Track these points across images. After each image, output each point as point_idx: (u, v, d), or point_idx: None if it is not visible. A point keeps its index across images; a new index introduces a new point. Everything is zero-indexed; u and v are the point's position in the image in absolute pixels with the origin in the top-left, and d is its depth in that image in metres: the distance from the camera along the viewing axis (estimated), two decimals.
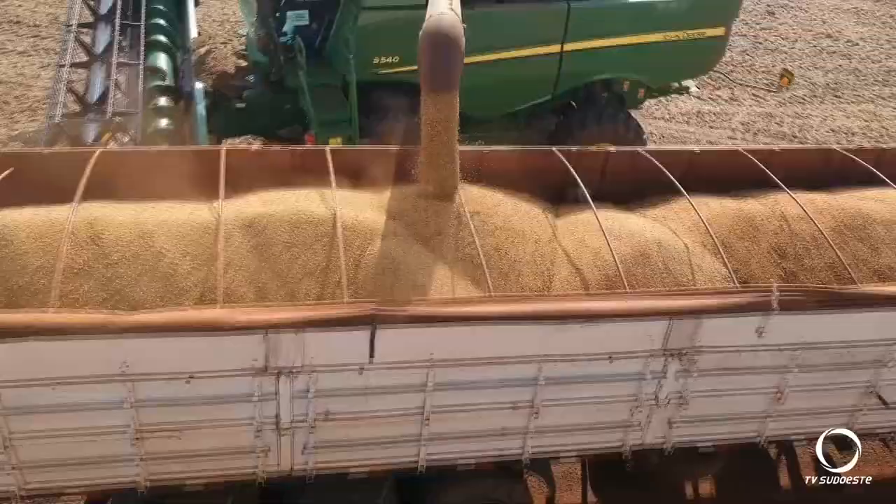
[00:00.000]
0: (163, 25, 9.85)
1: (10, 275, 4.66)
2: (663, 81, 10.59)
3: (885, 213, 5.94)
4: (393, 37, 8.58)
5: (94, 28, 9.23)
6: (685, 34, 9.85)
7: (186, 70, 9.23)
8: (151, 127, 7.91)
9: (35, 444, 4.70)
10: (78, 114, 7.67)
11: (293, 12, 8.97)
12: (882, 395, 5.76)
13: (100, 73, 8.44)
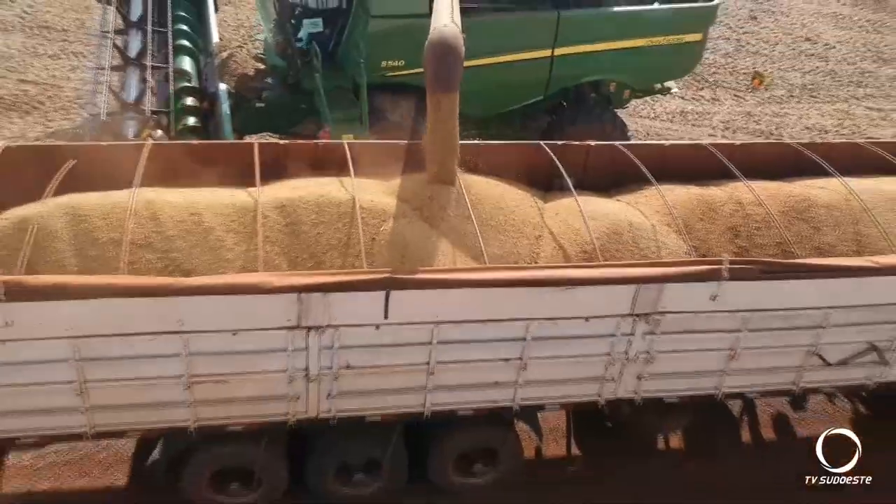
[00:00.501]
0: (186, 31, 10.77)
1: (85, 246, 5.56)
2: (646, 83, 11.51)
3: (827, 198, 6.86)
4: (399, 42, 9.49)
5: (126, 34, 10.16)
6: (666, 40, 10.78)
7: (210, 72, 10.14)
8: (181, 124, 8.85)
9: (104, 390, 5.61)
10: (118, 112, 8.58)
11: (308, 20, 9.89)
12: (823, 355, 6.69)
13: (134, 75, 9.36)
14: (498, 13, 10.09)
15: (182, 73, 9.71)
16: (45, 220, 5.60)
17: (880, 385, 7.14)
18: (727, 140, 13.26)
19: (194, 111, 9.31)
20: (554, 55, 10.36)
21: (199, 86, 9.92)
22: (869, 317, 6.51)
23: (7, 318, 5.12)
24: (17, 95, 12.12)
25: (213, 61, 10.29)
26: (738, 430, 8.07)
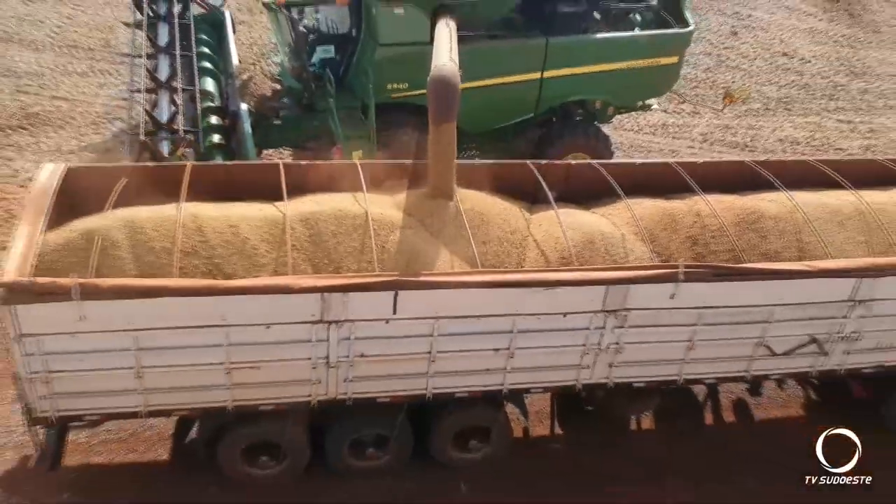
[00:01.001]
0: (209, 54, 11.84)
1: (142, 254, 6.62)
2: (628, 101, 12.57)
3: (774, 210, 7.91)
4: (403, 67, 10.56)
5: (155, 58, 11.19)
6: (645, 63, 11.83)
7: (231, 92, 11.19)
8: (207, 141, 9.93)
9: (157, 375, 6.68)
10: (153, 131, 9.61)
11: (321, 47, 10.96)
12: (770, 347, 7.76)
13: (165, 97, 10.40)
14: (492, 40, 11.13)
15: (206, 94, 10.77)
16: (108, 232, 6.66)
17: (822, 373, 8.23)
18: (704, 150, 14.38)
19: (219, 129, 10.38)
20: (543, 77, 11.40)
21: (222, 105, 10.99)
22: (808, 313, 7.58)
23: (81, 314, 6.19)
24: (50, 111, 13.15)
25: (235, 82, 11.35)
26: (702, 413, 9.14)
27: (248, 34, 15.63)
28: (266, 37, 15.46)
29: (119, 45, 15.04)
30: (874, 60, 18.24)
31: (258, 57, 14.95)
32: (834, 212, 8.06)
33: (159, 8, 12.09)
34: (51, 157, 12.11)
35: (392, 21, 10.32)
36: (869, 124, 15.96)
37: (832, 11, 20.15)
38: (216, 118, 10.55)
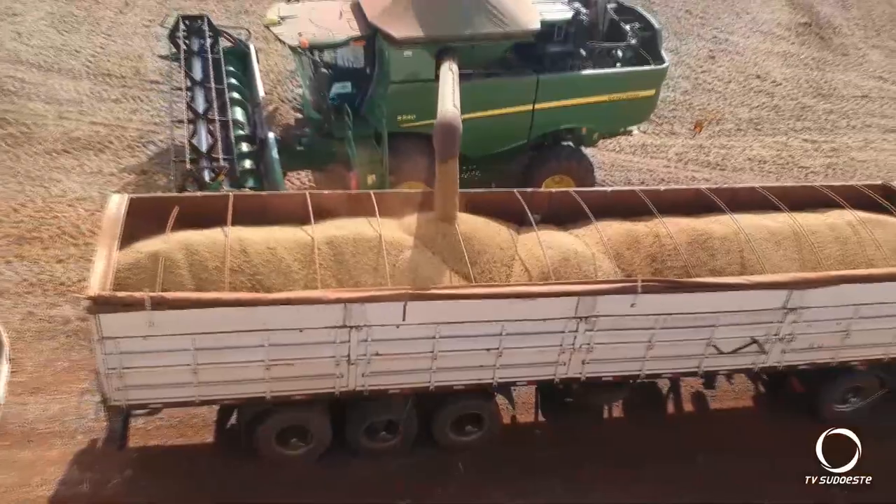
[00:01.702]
0: (237, 85, 13.34)
1: (198, 272, 8.09)
2: (610, 128, 14.06)
3: (721, 231, 9.39)
4: (412, 101, 12.01)
5: (192, 90, 12.66)
6: (625, 95, 13.29)
7: (259, 121, 12.68)
8: (240, 166, 11.43)
9: (209, 370, 8.16)
10: (195, 160, 11.08)
11: (339, 83, 12.44)
12: (718, 347, 9.25)
13: (203, 128, 11.86)
14: (489, 78, 12.57)
15: (237, 123, 12.27)
16: (169, 253, 8.14)
17: (763, 369, 9.73)
18: (678, 169, 15.86)
19: (249, 155, 11.89)
20: (535, 109, 12.83)
21: (250, 132, 12.48)
22: (749, 319, 9.07)
23: (151, 321, 7.67)
24: (90, 136, 14.63)
25: (262, 112, 12.84)
26: (665, 404, 10.65)
27: (266, 62, 17.07)
28: (282, 64, 16.96)
29: (148, 73, 16.57)
30: (840, 82, 19.72)
31: (275, 84, 16.44)
32: (772, 233, 9.55)
33: (192, 43, 13.59)
34: (94, 180, 13.66)
35: (402, 61, 11.82)
36: (832, 143, 17.43)
37: (804, 35, 21.66)
38: (246, 145, 12.06)
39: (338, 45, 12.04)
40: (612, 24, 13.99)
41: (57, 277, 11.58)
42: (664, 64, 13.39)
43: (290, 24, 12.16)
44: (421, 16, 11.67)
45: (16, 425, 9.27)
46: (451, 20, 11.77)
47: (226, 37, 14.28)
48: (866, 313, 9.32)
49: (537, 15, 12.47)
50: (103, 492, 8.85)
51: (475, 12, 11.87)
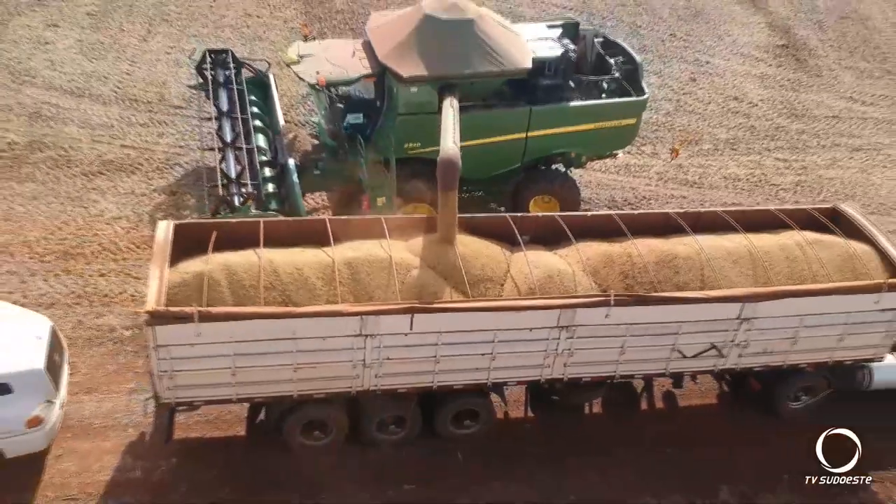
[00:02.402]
0: (259, 113, 14.79)
1: (236, 289, 9.51)
2: (597, 153, 15.53)
3: (685, 251, 10.81)
4: (417, 131, 13.45)
5: (219, 120, 14.10)
6: (609, 124, 14.73)
7: (280, 147, 14.13)
8: (264, 189, 12.87)
9: (246, 372, 9.59)
10: (226, 185, 12.52)
11: (352, 114, 13.89)
12: (682, 351, 10.69)
13: (231, 155, 13.30)
14: (487, 109, 13.99)
15: (260, 150, 13.72)
16: (212, 273, 9.56)
17: (723, 370, 11.19)
18: (659, 187, 17.30)
19: (272, 179, 13.33)
20: (528, 136, 14.27)
21: (272, 157, 13.91)
22: (708, 328, 10.52)
23: (198, 332, 9.10)
24: (122, 158, 16.05)
25: (282, 140, 14.28)
26: (639, 401, 12.10)
27: (279, 86, 18.50)
28: (294, 89, 18.36)
29: (171, 99, 18.00)
30: (813, 103, 21.17)
31: (289, 108, 17.86)
32: (729, 252, 10.98)
33: (218, 75, 15.04)
34: (127, 200, 15.08)
35: (408, 96, 13.28)
36: (802, 162, 18.89)
37: (781, 57, 23.11)
38: (269, 170, 13.52)
39: (351, 82, 13.49)
40: (599, 57, 15.47)
41: (101, 290, 13.01)
42: (644, 96, 14.84)
43: (308, 63, 13.63)
44: (425, 56, 13.13)
45: (75, 420, 10.69)
46: (452, 60, 13.22)
47: (248, 68, 15.74)
48: (811, 322, 10.77)
49: (529, 53, 13.90)
50: (152, 477, 10.29)
51: (473, 53, 13.32)
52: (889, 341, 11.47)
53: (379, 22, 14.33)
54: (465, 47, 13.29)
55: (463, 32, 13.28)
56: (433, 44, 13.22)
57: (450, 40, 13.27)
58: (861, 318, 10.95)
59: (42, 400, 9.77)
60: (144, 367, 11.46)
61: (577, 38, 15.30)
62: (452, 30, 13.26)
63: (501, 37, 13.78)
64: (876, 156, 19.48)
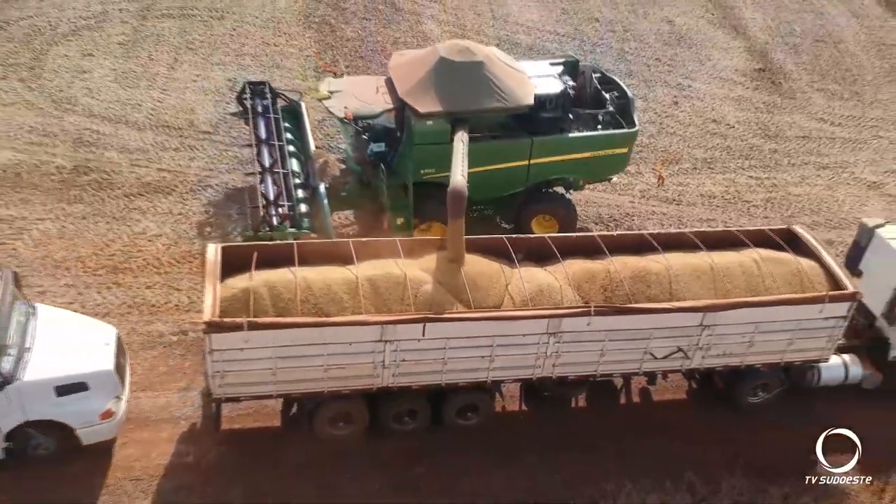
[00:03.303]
0: (293, 139, 16.65)
1: (277, 302, 11.34)
2: (593, 178, 17.43)
3: (656, 268, 12.64)
4: (432, 158, 15.19)
5: (258, 146, 15.97)
6: (604, 152, 16.59)
7: (311, 172, 15.99)
8: (297, 211, 14.71)
9: (285, 372, 11.43)
10: (266, 206, 14.37)
11: (375, 143, 15.82)
12: (653, 353, 12.54)
13: (269, 178, 15.16)
14: (493, 139, 15.80)
15: (294, 174, 15.58)
16: (256, 289, 11.38)
17: (689, 370, 13.05)
18: (641, 204, 19.14)
19: (305, 201, 15.17)
20: (530, 163, 16.11)
21: (304, 181, 15.75)
22: (674, 333, 12.36)
23: (246, 339, 10.93)
24: (158, 181, 17.87)
25: (314, 165, 16.11)
26: (618, 395, 13.95)
27: None
28: (315, 114, 20.09)
29: (200, 125, 19.81)
30: (786, 124, 23.03)
31: (311, 131, 19.61)
32: (694, 269, 12.82)
33: (256, 104, 16.93)
34: (166, 219, 16.88)
35: (425, 129, 15.14)
36: (773, 180, 20.73)
37: (758, 80, 24.98)
38: (302, 192, 15.37)
39: (375, 116, 15.43)
40: (596, 91, 17.31)
41: (148, 300, 14.84)
42: (635, 128, 16.71)
43: (337, 98, 15.66)
44: (440, 93, 14.99)
45: (135, 414, 12.49)
46: (464, 97, 15.08)
47: (283, 98, 17.62)
48: (763, 329, 12.62)
49: (532, 90, 15.71)
50: (204, 462, 12.12)
51: (482, 91, 15.16)
52: (832, 345, 13.33)
53: (400, 61, 16.25)
54: (475, 86, 15.13)
55: (473, 73, 15.14)
56: (447, 83, 15.05)
57: (461, 80, 15.11)
58: (807, 325, 12.81)
59: (112, 396, 11.60)
60: (192, 368, 13.44)
61: (577, 74, 17.17)
62: (464, 71, 15.12)
63: (507, 76, 15.61)
64: (841, 173, 21.32)
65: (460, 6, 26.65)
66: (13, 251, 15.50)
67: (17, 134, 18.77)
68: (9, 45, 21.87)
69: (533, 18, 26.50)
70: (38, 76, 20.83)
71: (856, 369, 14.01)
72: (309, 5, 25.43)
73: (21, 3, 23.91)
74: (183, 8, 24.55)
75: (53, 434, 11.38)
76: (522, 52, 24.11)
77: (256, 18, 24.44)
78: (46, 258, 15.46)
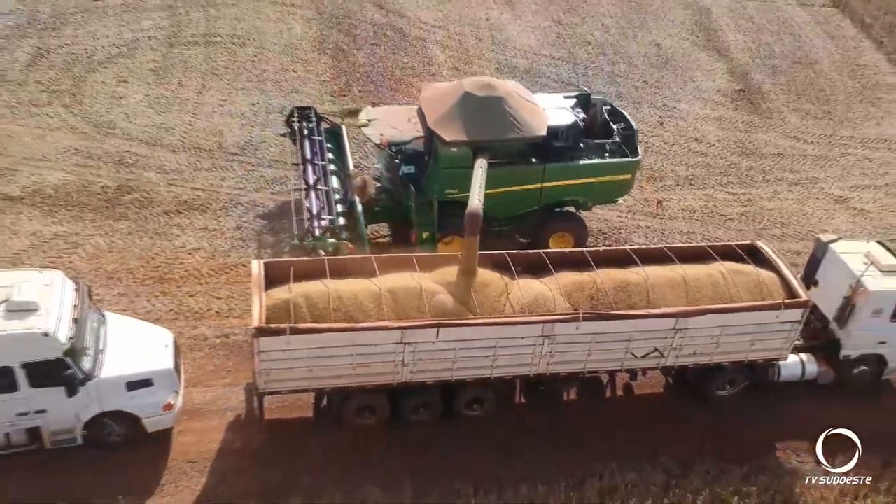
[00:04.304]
0: (333, 159, 18.76)
1: (312, 311, 13.37)
2: (599, 200, 19.57)
3: (636, 279, 14.68)
4: (456, 180, 17.23)
5: (304, 165, 18.08)
6: (609, 178, 18.72)
7: (349, 189, 18.04)
8: (337, 223, 16.80)
9: (318, 370, 13.48)
10: (310, 219, 16.45)
11: (406, 165, 18.03)
12: (633, 353, 14.60)
13: (314, 195, 17.25)
14: (510, 165, 17.84)
15: (335, 190, 17.68)
16: (294, 298, 13.43)
17: (665, 368, 15.12)
18: (628, 218, 21.20)
19: (343, 215, 17.26)
20: (542, 187, 18.24)
21: (343, 196, 17.84)
22: (651, 336, 14.43)
23: (288, 342, 12.96)
24: (194, 199, 19.90)
25: (352, 183, 18.18)
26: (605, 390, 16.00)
27: None
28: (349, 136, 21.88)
29: (228, 147, 21.87)
30: (762, 142, 25.11)
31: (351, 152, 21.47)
32: (669, 280, 14.88)
33: (302, 127, 19.06)
34: (203, 234, 18.92)
35: (450, 155, 17.27)
36: (748, 195, 22.80)
37: (738, 101, 27.08)
38: (341, 206, 17.48)
39: (407, 143, 17.77)
40: (605, 122, 19.39)
41: (192, 308, 16.88)
42: (638, 157, 18.83)
43: (374, 126, 18.04)
44: (464, 124, 17.13)
45: (189, 406, 14.49)
46: (485, 128, 17.18)
47: (326, 121, 19.77)
48: (728, 332, 14.68)
49: (546, 122, 17.83)
50: (249, 446, 14.16)
51: (501, 123, 17.28)
52: (789, 345, 15.39)
53: (429, 93, 18.48)
54: (495, 119, 17.25)
55: (494, 107, 17.28)
56: (470, 115, 17.17)
57: (483, 113, 17.23)
58: (766, 328, 14.88)
59: (172, 391, 13.64)
60: (234, 367, 15.48)
61: (589, 106, 19.34)
62: (486, 105, 17.26)
63: (524, 109, 17.75)
64: (811, 188, 23.41)
65: (463, 32, 28.74)
66: (70, 264, 17.50)
67: (65, 156, 20.82)
68: (51, 73, 23.92)
69: (530, 43, 28.59)
70: (79, 102, 22.88)
71: (812, 367, 16.08)
72: (323, 32, 27.50)
73: (58, 31, 25.99)
74: (206, 35, 26.62)
75: (123, 423, 13.43)
76: (521, 76, 26.23)
77: (275, 45, 26.50)
78: (100, 270, 17.49)
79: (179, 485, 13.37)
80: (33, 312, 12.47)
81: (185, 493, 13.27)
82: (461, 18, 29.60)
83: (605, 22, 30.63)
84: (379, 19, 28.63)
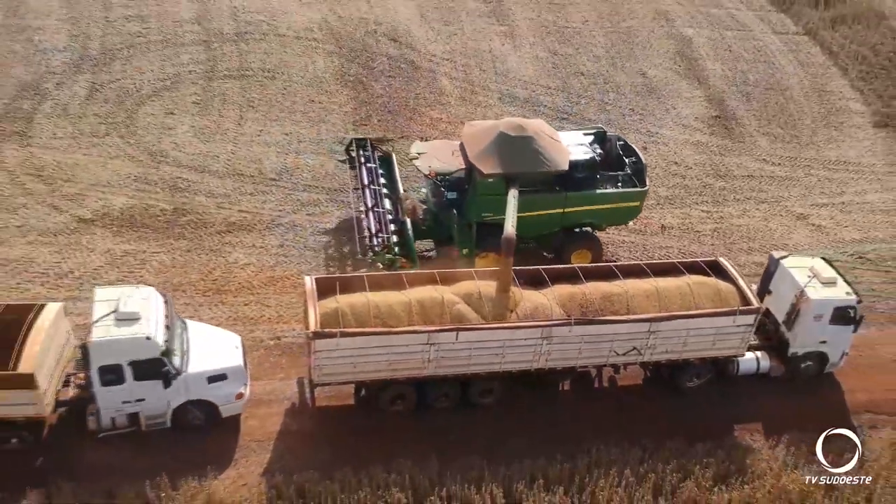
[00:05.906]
0: (385, 183, 22.07)
1: (357, 318, 16.59)
2: (613, 223, 23.00)
3: (619, 290, 17.89)
4: (491, 205, 20.57)
5: (362, 189, 21.39)
6: (621, 205, 22.20)
7: (400, 210, 21.34)
8: (391, 241, 20.08)
9: (361, 366, 16.71)
10: (369, 237, 19.75)
11: (450, 192, 21.42)
12: (616, 350, 17.85)
13: (371, 217, 20.55)
14: (537, 193, 21.13)
15: (388, 211, 21.00)
16: (341, 308, 16.65)
17: (643, 363, 18.41)
18: (617, 232, 24.42)
19: (395, 233, 20.53)
20: (564, 211, 21.68)
21: (394, 217, 21.14)
22: (631, 337, 17.68)
23: (338, 343, 16.20)
24: (241, 220, 23.07)
25: (402, 205, 21.46)
26: (593, 383, 19.25)
27: None
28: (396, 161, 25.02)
29: (268, 173, 25.03)
30: (734, 165, 28.32)
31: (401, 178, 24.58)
32: (645, 291, 18.13)
33: (359, 155, 22.39)
34: (251, 251, 22.09)
35: (486, 184, 20.66)
36: (720, 213, 26.01)
37: (714, 126, 30.30)
38: (393, 226, 20.79)
39: (450, 173, 21.17)
40: (618, 156, 22.76)
41: (247, 315, 20.07)
42: (646, 188, 22.21)
43: (423, 158, 21.35)
44: (499, 158, 20.56)
45: (253, 397, 17.67)
46: (517, 162, 20.53)
47: (379, 150, 23.08)
48: (693, 334, 17.94)
49: (568, 157, 21.25)
50: (304, 429, 17.36)
51: (530, 158, 20.68)
52: (745, 344, 18.66)
53: (470, 131, 21.95)
54: (525, 155, 20.65)
55: (524, 145, 20.69)
56: (505, 151, 20.58)
57: (515, 150, 20.61)
58: (725, 330, 18.14)
59: (242, 383, 16.87)
60: (287, 364, 18.68)
61: (605, 141, 22.84)
62: (518, 143, 20.66)
63: (550, 146, 21.16)
64: (776, 206, 26.64)
65: (468, 64, 31.96)
66: (141, 278, 20.66)
67: (126, 182, 23.99)
68: (106, 106, 27.08)
69: (529, 74, 31.81)
70: (133, 133, 26.05)
71: (765, 362, 19.35)
72: (343, 65, 30.69)
73: (108, 66, 29.13)
74: (240, 69, 29.79)
75: (204, 410, 16.64)
76: (521, 105, 29.52)
77: (302, 78, 29.68)
78: (167, 283, 20.62)
79: (249, 459, 16.58)
80: (137, 321, 15.69)
81: (255, 465, 16.48)
82: (466, 50, 32.77)
83: (597, 52, 33.81)
84: (393, 52, 31.80)
